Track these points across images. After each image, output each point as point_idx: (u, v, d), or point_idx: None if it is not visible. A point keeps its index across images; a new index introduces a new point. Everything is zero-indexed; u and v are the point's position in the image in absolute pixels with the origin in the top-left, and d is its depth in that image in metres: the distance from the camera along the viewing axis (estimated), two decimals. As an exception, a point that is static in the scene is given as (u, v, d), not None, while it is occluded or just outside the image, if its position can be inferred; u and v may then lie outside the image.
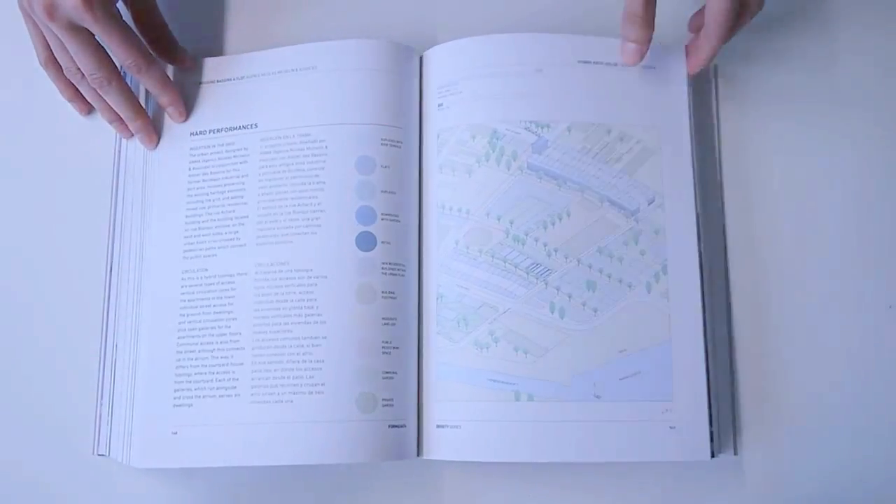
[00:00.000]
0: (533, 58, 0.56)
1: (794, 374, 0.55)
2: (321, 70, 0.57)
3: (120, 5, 0.54)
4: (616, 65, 0.56)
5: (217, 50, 0.61)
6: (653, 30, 0.53)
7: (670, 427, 0.51)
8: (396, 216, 0.55)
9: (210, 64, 0.59)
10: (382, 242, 0.54)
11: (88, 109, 0.59)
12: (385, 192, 0.54)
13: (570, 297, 0.53)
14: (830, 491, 0.54)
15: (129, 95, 0.56)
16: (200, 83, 0.58)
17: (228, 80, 0.58)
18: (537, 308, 0.53)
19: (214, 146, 0.57)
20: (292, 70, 0.57)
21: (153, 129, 0.57)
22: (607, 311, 0.53)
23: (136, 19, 0.57)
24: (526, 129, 0.55)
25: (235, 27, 0.62)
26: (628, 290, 0.53)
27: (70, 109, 0.60)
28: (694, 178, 0.54)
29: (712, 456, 0.51)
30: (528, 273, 0.53)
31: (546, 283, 0.53)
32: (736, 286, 0.56)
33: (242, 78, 0.58)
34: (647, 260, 0.54)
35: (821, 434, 0.54)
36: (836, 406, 0.55)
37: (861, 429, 0.54)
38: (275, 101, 0.57)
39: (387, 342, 0.53)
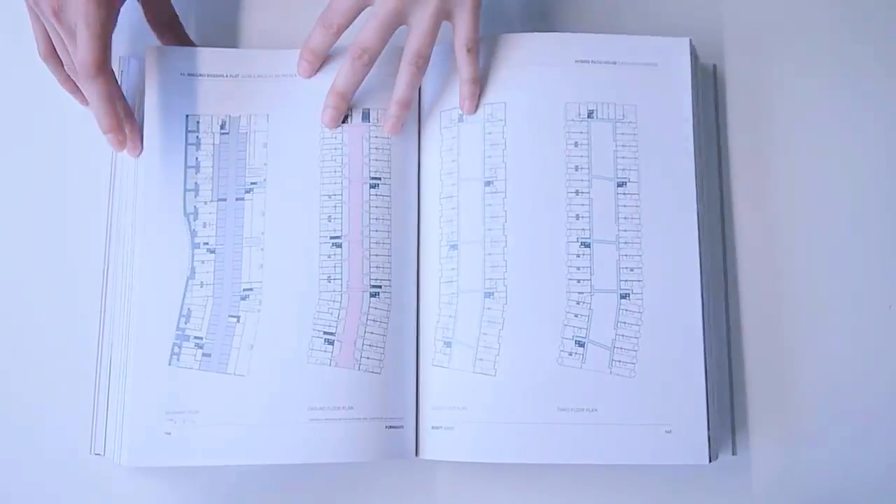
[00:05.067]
0: (531, 58, 0.56)
1: (794, 374, 0.55)
2: (323, 72, 0.56)
3: None
4: (615, 63, 0.55)
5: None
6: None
7: (666, 431, 0.51)
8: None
9: (211, 56, 0.57)
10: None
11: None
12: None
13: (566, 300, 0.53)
14: (830, 491, 0.54)
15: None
16: (202, 75, 0.57)
17: (223, 75, 0.57)
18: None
19: (212, 146, 0.56)
20: (294, 74, 0.56)
21: (139, 141, 0.56)
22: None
23: (145, 3, 0.57)
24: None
25: (234, 28, 0.62)
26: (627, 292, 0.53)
27: (67, 107, 0.59)
28: (696, 177, 0.54)
29: (710, 460, 0.51)
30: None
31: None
32: (735, 287, 0.56)
33: (238, 76, 0.57)
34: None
35: (820, 434, 0.54)
36: (835, 406, 0.54)
37: (861, 428, 0.54)
38: (276, 103, 0.56)
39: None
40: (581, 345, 0.52)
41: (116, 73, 0.57)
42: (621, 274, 0.53)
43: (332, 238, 0.54)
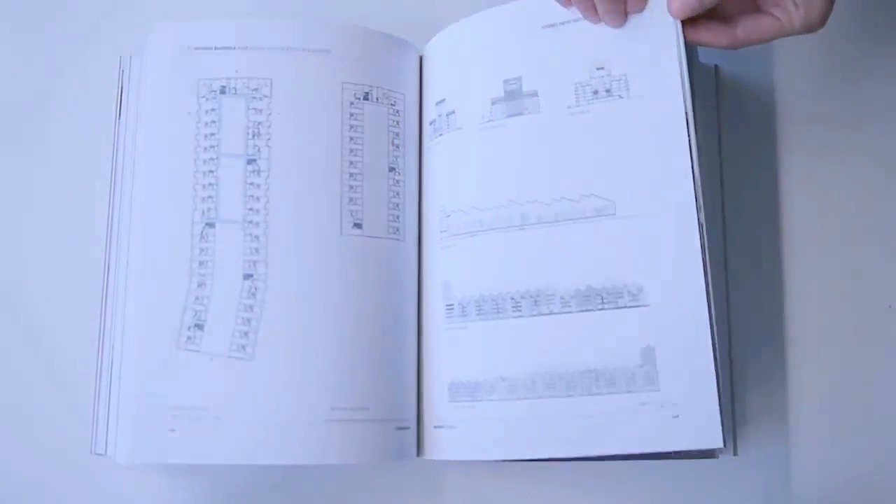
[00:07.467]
0: (500, 30, 0.54)
1: (793, 374, 0.55)
2: (335, 55, 0.55)
3: None
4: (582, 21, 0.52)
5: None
6: None
7: (673, 416, 0.48)
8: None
9: (220, 27, 0.56)
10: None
11: None
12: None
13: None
14: (829, 492, 0.54)
15: None
16: (207, 48, 0.55)
17: (232, 47, 0.55)
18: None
19: (217, 113, 0.55)
20: (303, 49, 0.55)
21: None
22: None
23: None
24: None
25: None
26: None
27: (66, 97, 0.59)
28: (691, 154, 0.49)
29: (724, 446, 0.47)
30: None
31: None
32: (735, 285, 0.56)
33: (248, 48, 0.55)
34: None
35: (819, 435, 0.54)
36: (835, 406, 0.54)
37: (861, 429, 0.54)
38: (280, 74, 0.55)
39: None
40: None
41: (116, 72, 0.56)
42: None
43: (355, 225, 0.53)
